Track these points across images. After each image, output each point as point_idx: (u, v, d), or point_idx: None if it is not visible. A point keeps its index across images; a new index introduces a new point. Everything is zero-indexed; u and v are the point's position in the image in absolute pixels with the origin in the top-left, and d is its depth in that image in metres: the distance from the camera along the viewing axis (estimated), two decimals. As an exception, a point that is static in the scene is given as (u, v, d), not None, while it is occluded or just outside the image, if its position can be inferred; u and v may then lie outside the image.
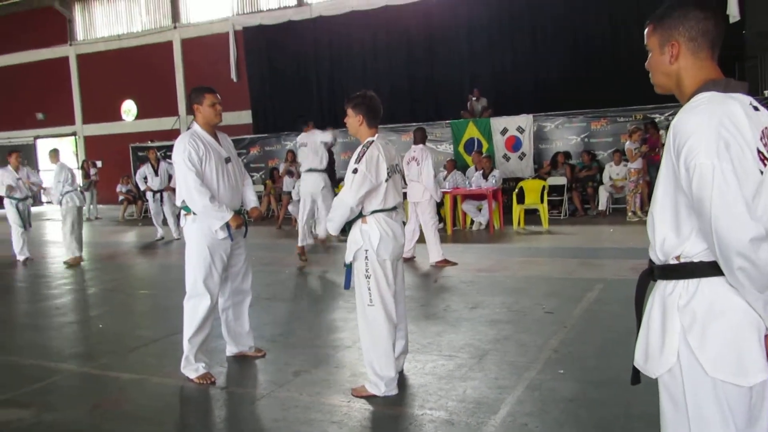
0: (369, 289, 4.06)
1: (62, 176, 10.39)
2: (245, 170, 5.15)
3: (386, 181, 4.05)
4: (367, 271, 4.05)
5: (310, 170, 9.11)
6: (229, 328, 5.02)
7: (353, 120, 4.19)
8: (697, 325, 1.80)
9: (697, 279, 1.82)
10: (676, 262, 1.86)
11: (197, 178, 4.45)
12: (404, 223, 4.61)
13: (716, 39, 1.92)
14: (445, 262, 8.62)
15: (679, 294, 1.84)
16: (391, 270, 4.12)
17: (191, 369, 4.65)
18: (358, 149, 4.11)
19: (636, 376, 2.05)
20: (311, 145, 9.08)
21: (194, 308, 4.64)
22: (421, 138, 9.01)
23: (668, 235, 1.87)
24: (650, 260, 1.98)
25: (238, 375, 4.78)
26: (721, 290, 1.78)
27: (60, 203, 10.46)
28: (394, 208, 4.19)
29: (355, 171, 3.99)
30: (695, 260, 1.82)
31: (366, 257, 4.06)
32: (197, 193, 4.44)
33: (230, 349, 5.09)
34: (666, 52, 1.95)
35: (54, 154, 10.82)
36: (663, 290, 1.90)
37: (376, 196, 4.06)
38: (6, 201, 10.77)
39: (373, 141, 4.13)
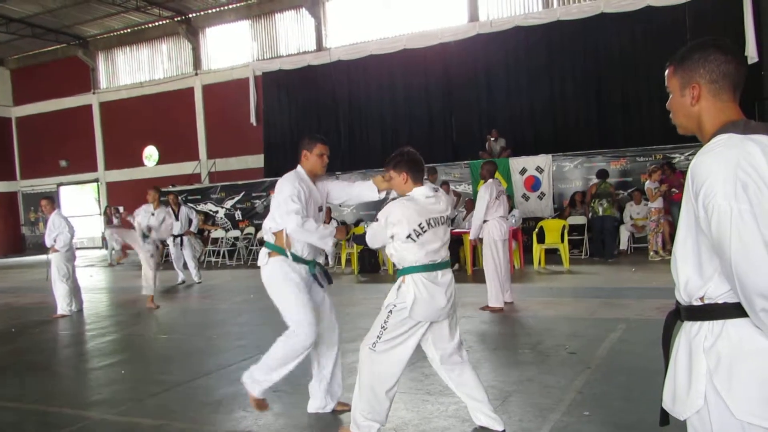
0: (378, 337, 3.92)
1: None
2: None
3: (411, 239, 3.85)
4: (385, 323, 3.92)
5: None
6: (318, 379, 4.83)
7: (398, 180, 4.02)
8: (723, 368, 1.77)
9: (721, 320, 1.80)
10: (700, 303, 1.84)
11: (304, 211, 4.41)
12: None
13: (738, 81, 1.92)
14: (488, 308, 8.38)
15: (704, 336, 1.82)
16: (423, 331, 3.97)
17: (258, 389, 4.51)
18: (390, 199, 4.03)
19: (665, 417, 2.02)
20: None
21: (294, 345, 4.43)
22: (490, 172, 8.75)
23: (691, 276, 1.86)
24: (676, 301, 1.96)
25: (259, 418, 4.74)
26: (747, 332, 1.76)
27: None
28: (439, 266, 3.97)
29: (377, 219, 3.94)
30: (719, 301, 1.80)
31: (390, 311, 3.92)
32: (306, 221, 4.37)
33: (314, 406, 4.83)
34: (687, 94, 1.96)
35: (156, 192, 10.61)
36: (689, 331, 1.88)
37: (409, 250, 3.88)
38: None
39: (405, 197, 3.96)
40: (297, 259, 4.52)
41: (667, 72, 2.03)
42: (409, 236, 3.84)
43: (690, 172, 1.81)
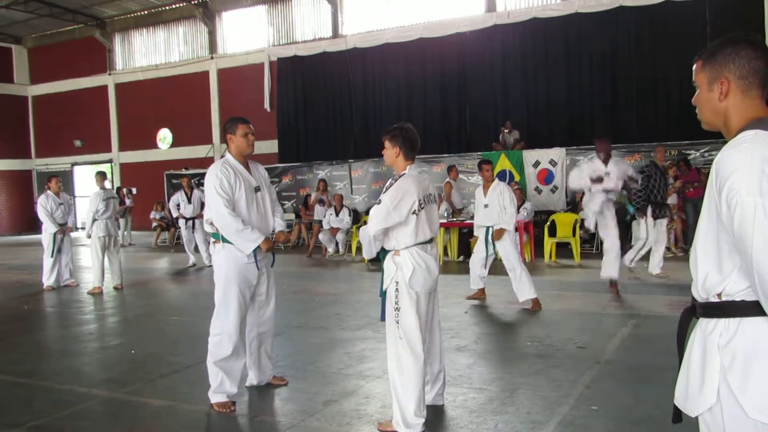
0: (397, 323, 3.98)
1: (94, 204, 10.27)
2: (276, 199, 5.21)
3: (416, 213, 3.97)
4: (396, 303, 3.99)
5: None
6: (254, 358, 5.02)
7: (390, 152, 4.16)
8: (737, 366, 1.76)
9: (738, 318, 1.79)
10: (717, 299, 1.83)
11: (229, 204, 4.57)
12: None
13: (767, 78, 1.89)
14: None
15: (720, 333, 1.81)
16: (424, 303, 4.06)
17: (216, 395, 4.67)
18: (389, 181, 4.10)
19: (677, 414, 2.01)
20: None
21: (218, 345, 4.70)
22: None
23: (710, 272, 1.84)
24: (692, 297, 1.95)
25: (267, 403, 4.77)
26: (763, 331, 1.75)
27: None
28: (430, 241, 4.11)
29: (379, 202, 3.98)
30: (737, 299, 1.79)
31: (396, 289, 4.00)
32: (230, 219, 4.54)
33: (252, 379, 5.07)
34: (715, 90, 1.93)
35: (100, 177, 10.52)
36: (704, 328, 1.87)
37: (406, 229, 3.98)
38: (45, 227, 10.75)
39: (404, 174, 4.08)
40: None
41: (695, 66, 2.00)
42: (414, 211, 3.96)
43: (714, 167, 1.79)
